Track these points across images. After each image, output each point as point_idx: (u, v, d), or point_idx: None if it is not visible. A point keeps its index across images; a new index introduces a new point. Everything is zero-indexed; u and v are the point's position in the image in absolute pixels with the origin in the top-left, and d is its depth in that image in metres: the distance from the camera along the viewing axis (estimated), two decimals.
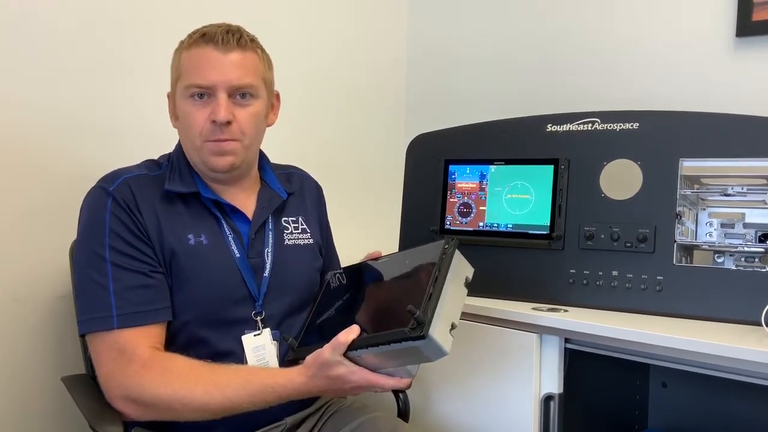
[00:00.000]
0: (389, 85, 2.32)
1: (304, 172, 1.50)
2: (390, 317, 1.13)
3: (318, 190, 1.50)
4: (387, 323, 1.11)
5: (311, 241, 1.40)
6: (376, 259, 1.33)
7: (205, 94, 1.23)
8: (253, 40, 1.28)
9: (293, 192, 1.41)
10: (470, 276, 1.21)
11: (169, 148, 1.35)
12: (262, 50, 1.30)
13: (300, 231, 1.39)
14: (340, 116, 2.18)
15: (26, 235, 1.51)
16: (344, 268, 1.39)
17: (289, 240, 1.36)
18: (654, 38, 1.81)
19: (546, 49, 2.01)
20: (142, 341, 1.17)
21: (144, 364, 1.15)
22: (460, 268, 1.19)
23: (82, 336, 1.21)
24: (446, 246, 1.17)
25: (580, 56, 1.94)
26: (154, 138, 1.41)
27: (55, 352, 1.55)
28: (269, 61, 1.32)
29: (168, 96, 1.32)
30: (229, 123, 1.22)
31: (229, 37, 1.23)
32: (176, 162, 1.30)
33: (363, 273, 1.33)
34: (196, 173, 1.29)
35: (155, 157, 1.35)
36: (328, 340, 1.12)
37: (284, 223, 1.37)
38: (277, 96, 1.37)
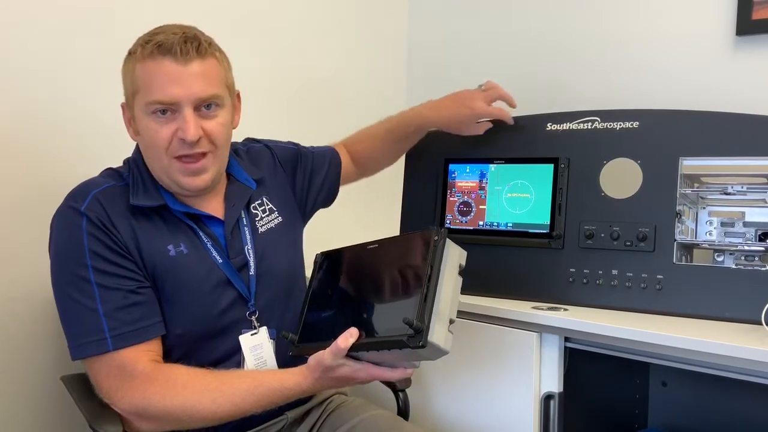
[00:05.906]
0: (389, 85, 2.32)
1: (254, 142, 1.43)
2: (388, 316, 1.12)
3: (269, 154, 1.43)
4: (386, 323, 1.10)
5: (280, 219, 1.36)
6: (367, 244, 1.27)
7: (168, 110, 1.16)
8: (210, 43, 1.20)
9: (258, 177, 1.36)
10: (464, 262, 1.17)
11: None
12: (221, 52, 1.22)
13: (268, 212, 1.35)
14: (340, 116, 2.17)
15: (24, 233, 1.50)
16: (334, 251, 1.33)
17: (262, 227, 1.33)
18: (654, 37, 1.80)
19: (545, 48, 2.01)
20: (142, 356, 1.15)
21: (147, 378, 1.13)
22: (453, 258, 1.15)
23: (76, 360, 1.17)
24: (436, 238, 1.12)
25: (580, 55, 1.93)
26: None
27: (55, 351, 1.55)
28: (228, 62, 1.25)
29: (123, 107, 1.23)
30: (198, 139, 1.17)
31: (187, 47, 1.14)
32: (137, 173, 1.24)
33: (355, 260, 1.28)
34: (160, 185, 1.23)
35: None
36: (327, 337, 1.12)
37: (254, 211, 1.33)
38: (238, 96, 1.30)
